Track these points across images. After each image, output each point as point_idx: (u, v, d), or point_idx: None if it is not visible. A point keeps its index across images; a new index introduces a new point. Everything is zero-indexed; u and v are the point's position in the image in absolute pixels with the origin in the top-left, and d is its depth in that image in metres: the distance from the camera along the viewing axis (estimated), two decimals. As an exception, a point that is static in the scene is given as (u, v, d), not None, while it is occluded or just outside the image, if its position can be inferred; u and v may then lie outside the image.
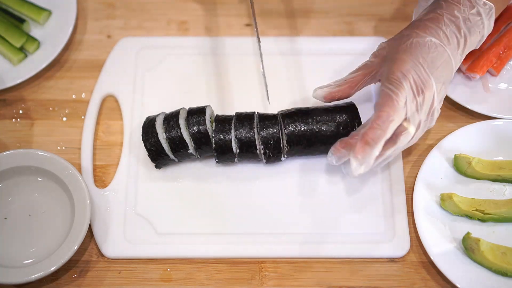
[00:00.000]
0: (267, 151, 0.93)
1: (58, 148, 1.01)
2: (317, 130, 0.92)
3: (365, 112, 0.98)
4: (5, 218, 0.94)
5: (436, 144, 0.97)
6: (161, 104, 1.02)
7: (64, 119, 1.03)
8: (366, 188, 0.96)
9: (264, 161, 0.95)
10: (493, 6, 0.87)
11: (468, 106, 1.00)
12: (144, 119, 0.97)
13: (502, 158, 0.98)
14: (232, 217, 0.95)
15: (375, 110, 0.84)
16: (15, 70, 1.05)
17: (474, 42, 0.89)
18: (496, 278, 0.89)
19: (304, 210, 0.95)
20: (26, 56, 1.06)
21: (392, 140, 0.85)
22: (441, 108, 1.02)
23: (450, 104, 1.03)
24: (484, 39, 0.90)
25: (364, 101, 1.02)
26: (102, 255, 0.93)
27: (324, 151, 0.92)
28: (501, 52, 1.01)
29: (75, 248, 0.88)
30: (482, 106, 1.00)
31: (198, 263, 0.93)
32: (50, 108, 1.04)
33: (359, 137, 0.84)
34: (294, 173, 0.98)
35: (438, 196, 0.95)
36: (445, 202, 0.93)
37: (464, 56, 0.89)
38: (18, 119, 1.03)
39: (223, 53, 1.07)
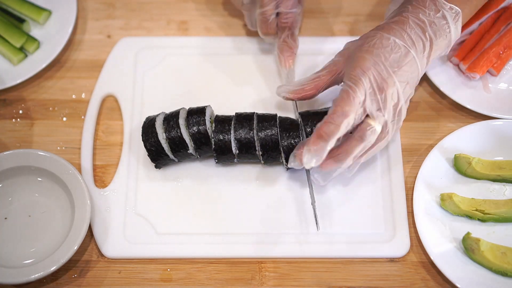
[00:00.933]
0: (265, 153, 0.93)
1: (58, 148, 1.01)
2: None
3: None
4: (5, 218, 0.94)
5: (436, 144, 0.97)
6: (161, 104, 1.02)
7: (64, 119, 1.03)
8: (366, 188, 0.96)
9: (262, 162, 0.95)
10: (460, 10, 0.88)
11: (468, 106, 1.00)
12: (144, 119, 0.97)
13: (502, 158, 0.98)
14: (231, 217, 0.95)
15: (332, 106, 0.85)
16: (15, 70, 1.05)
17: (441, 46, 0.89)
18: (496, 278, 0.89)
19: (304, 210, 0.95)
20: (26, 56, 1.06)
21: (359, 137, 0.85)
22: (441, 108, 1.02)
23: (450, 104, 1.03)
24: (452, 44, 0.90)
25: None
26: (102, 255, 0.93)
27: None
28: (501, 52, 1.01)
29: (75, 248, 0.88)
30: (482, 106, 1.00)
31: (198, 263, 0.93)
32: (50, 108, 1.04)
33: (314, 131, 0.85)
34: (293, 174, 0.98)
35: (438, 196, 0.95)
36: (445, 202, 0.93)
37: (430, 61, 0.89)
38: (18, 119, 1.03)
39: (223, 53, 1.07)
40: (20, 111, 1.04)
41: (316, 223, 0.92)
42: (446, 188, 0.95)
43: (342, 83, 0.87)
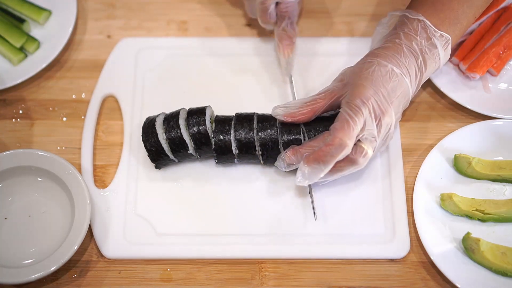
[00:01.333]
0: (265, 153, 0.93)
1: (58, 148, 1.01)
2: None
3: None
4: (5, 218, 0.94)
5: (436, 144, 0.97)
6: (161, 104, 1.02)
7: (64, 119, 1.03)
8: (366, 189, 0.96)
9: (262, 162, 0.95)
10: (449, 37, 0.89)
11: (468, 106, 1.00)
12: (144, 120, 0.97)
13: (502, 158, 0.98)
14: (231, 218, 0.95)
15: (331, 133, 0.85)
16: (15, 70, 1.05)
17: (430, 71, 0.92)
18: (496, 278, 0.89)
19: (304, 211, 0.95)
20: (26, 56, 1.06)
21: (353, 160, 0.87)
22: (441, 108, 1.03)
23: (450, 104, 1.03)
24: (441, 67, 0.93)
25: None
26: (102, 255, 0.93)
27: None
28: (501, 52, 1.01)
29: (75, 248, 0.88)
30: (482, 106, 1.00)
31: (198, 263, 0.93)
32: (50, 108, 1.04)
33: (310, 153, 0.86)
34: (293, 175, 0.97)
35: (438, 196, 0.95)
36: (445, 202, 0.93)
37: (419, 87, 0.91)
38: (18, 119, 1.03)
39: (223, 54, 1.07)
40: (20, 111, 1.04)
41: (314, 213, 0.93)
42: (446, 188, 0.95)
43: (340, 108, 0.87)
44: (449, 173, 0.97)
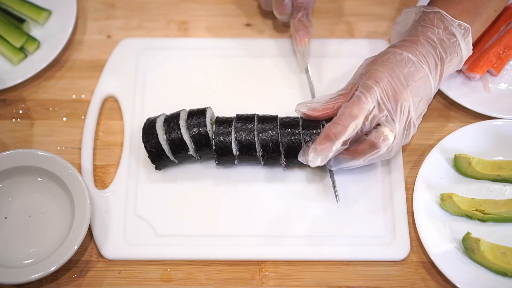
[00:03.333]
0: (265, 154, 0.93)
1: (58, 148, 1.01)
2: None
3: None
4: (5, 218, 0.94)
5: (436, 144, 0.97)
6: (161, 105, 1.01)
7: (64, 119, 1.03)
8: (366, 190, 0.96)
9: (262, 163, 0.95)
10: (468, 27, 0.89)
11: (468, 106, 1.00)
12: (144, 120, 0.97)
13: (502, 158, 0.98)
14: (232, 219, 0.95)
15: (341, 109, 0.86)
16: (15, 70, 1.05)
17: (453, 63, 0.90)
18: (496, 278, 0.89)
19: (304, 212, 0.95)
20: (26, 56, 1.06)
21: (372, 143, 0.86)
22: (441, 108, 1.02)
23: (450, 104, 1.03)
24: (464, 60, 0.91)
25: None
26: (102, 255, 0.93)
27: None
28: (501, 52, 1.01)
29: (75, 248, 0.88)
30: (482, 106, 1.00)
31: (198, 263, 0.93)
32: (50, 108, 1.04)
33: (322, 131, 0.86)
34: (294, 175, 0.98)
35: (438, 196, 0.95)
36: (445, 202, 0.93)
37: (443, 79, 0.90)
38: (18, 119, 1.03)
39: (224, 54, 1.07)
40: (20, 111, 1.04)
41: (336, 195, 0.94)
42: (446, 188, 0.95)
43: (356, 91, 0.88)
44: (449, 173, 0.97)
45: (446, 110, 1.03)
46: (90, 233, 0.94)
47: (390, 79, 0.85)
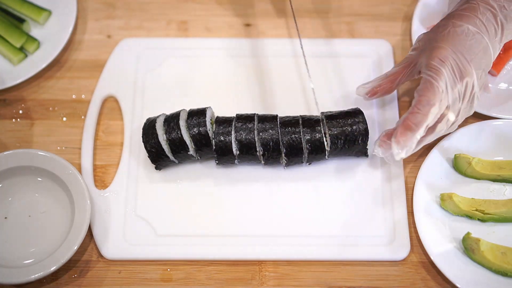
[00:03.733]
0: (266, 153, 0.93)
1: (58, 148, 1.01)
2: (317, 144, 0.92)
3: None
4: (5, 218, 0.94)
5: (436, 144, 0.97)
6: (161, 105, 1.02)
7: (64, 119, 1.03)
8: (366, 190, 0.96)
9: (263, 162, 0.95)
10: None
11: (468, 106, 1.00)
12: (144, 120, 0.97)
13: (502, 158, 0.98)
14: (232, 219, 0.95)
15: (416, 96, 0.85)
16: (15, 70, 1.05)
17: (511, 30, 0.88)
18: (496, 278, 0.89)
19: (304, 212, 0.95)
20: (26, 56, 1.06)
21: (432, 126, 0.86)
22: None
23: (450, 104, 1.03)
24: None
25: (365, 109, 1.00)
26: (102, 256, 0.93)
27: (322, 158, 0.94)
28: (501, 52, 1.01)
29: (75, 248, 0.88)
30: (482, 106, 1.00)
31: (198, 263, 0.93)
32: (50, 108, 1.04)
33: (399, 122, 0.85)
34: (294, 175, 0.98)
35: (438, 196, 0.95)
36: (445, 202, 0.93)
37: (502, 45, 0.89)
38: (18, 119, 1.03)
39: (224, 54, 1.07)
40: (20, 111, 1.04)
41: (317, 105, 0.95)
42: (446, 188, 0.95)
43: (422, 73, 0.86)
44: (449, 173, 0.97)
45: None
46: (90, 233, 0.94)
47: (454, 56, 0.84)
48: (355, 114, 0.94)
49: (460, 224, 0.93)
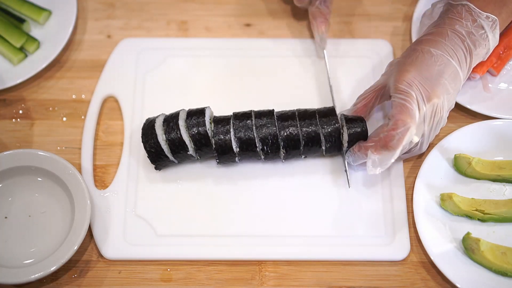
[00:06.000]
0: (265, 147, 0.93)
1: (58, 148, 1.01)
2: (313, 134, 0.92)
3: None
4: (5, 217, 0.94)
5: (436, 144, 0.97)
6: (161, 105, 1.02)
7: (64, 119, 1.03)
8: (366, 189, 0.96)
9: (263, 157, 0.95)
10: (496, 18, 0.88)
11: (468, 106, 1.00)
12: (144, 120, 0.97)
13: (502, 158, 0.98)
14: (232, 219, 0.95)
15: (391, 119, 0.86)
16: (15, 70, 1.05)
17: (480, 54, 0.90)
18: (496, 278, 0.89)
19: (305, 211, 0.95)
20: (26, 56, 1.06)
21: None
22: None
23: (450, 104, 1.03)
24: (491, 51, 0.91)
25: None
26: (102, 256, 0.93)
27: (321, 152, 0.94)
28: (501, 52, 1.01)
29: (75, 248, 0.88)
30: (482, 106, 1.00)
31: (198, 264, 0.93)
32: (50, 108, 1.04)
33: (377, 141, 0.87)
34: (294, 175, 0.98)
35: (438, 196, 0.95)
36: (445, 202, 0.93)
37: (471, 69, 0.90)
38: (18, 119, 1.03)
39: (223, 54, 1.07)
40: (20, 111, 1.04)
41: (348, 180, 0.95)
42: (446, 188, 0.95)
43: (392, 97, 0.88)
44: (449, 173, 0.97)
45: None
46: (90, 233, 0.94)
47: (420, 79, 0.86)
48: (357, 120, 0.93)
49: (460, 224, 0.93)
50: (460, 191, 0.95)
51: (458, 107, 1.02)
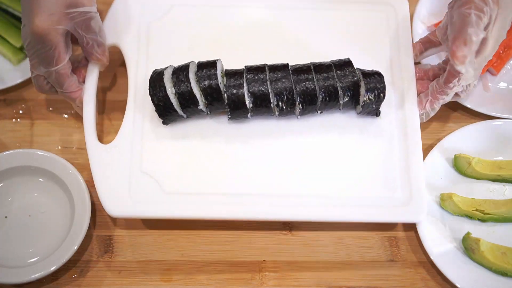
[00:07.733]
0: (279, 103, 0.90)
1: (58, 148, 1.01)
2: (331, 88, 0.89)
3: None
4: (5, 217, 0.94)
5: (436, 144, 0.97)
6: (167, 57, 0.96)
7: (65, 116, 1.03)
8: (383, 147, 0.92)
9: (277, 113, 0.91)
10: None
11: (468, 106, 1.00)
12: (150, 72, 0.92)
13: (502, 158, 0.98)
14: (243, 176, 0.90)
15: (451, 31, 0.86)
16: (15, 70, 1.05)
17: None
18: (496, 278, 0.89)
19: (321, 170, 0.91)
20: (26, 56, 1.06)
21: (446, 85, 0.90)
22: (441, 108, 1.01)
23: (450, 104, 1.03)
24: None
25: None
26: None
27: (338, 107, 0.91)
28: (501, 52, 1.01)
29: (75, 248, 0.88)
30: (482, 106, 1.00)
31: (198, 263, 0.93)
32: (50, 108, 1.04)
33: (450, 43, 0.86)
34: (308, 132, 0.93)
35: (438, 196, 0.95)
36: (445, 202, 0.93)
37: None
38: (18, 119, 1.04)
39: (231, 4, 1.02)
40: (20, 111, 1.04)
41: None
42: (446, 188, 0.95)
43: (455, 12, 0.86)
44: (449, 173, 0.97)
45: (446, 110, 1.03)
46: (90, 232, 0.94)
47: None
48: (375, 74, 0.91)
49: (460, 224, 0.93)
50: (460, 191, 0.95)
51: (458, 107, 1.02)
